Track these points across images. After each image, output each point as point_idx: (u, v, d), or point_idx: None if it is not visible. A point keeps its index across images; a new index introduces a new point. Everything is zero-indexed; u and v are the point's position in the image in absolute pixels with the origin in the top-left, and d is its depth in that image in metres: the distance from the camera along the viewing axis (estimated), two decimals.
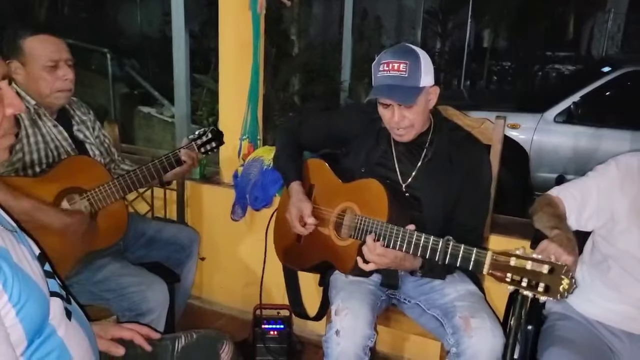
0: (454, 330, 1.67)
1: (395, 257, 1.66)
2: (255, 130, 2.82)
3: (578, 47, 10.57)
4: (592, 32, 10.60)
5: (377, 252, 1.65)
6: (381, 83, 1.74)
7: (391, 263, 1.68)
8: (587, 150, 5.10)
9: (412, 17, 9.32)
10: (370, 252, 1.66)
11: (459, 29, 9.42)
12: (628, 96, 5.19)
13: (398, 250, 1.63)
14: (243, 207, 2.72)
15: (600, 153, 5.08)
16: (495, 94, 8.48)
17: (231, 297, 2.92)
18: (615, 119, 5.17)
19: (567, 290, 1.30)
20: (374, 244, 1.65)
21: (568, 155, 5.14)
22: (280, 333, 2.39)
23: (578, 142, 5.12)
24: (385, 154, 1.90)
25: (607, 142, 5.08)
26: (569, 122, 5.14)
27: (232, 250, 2.87)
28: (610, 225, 1.70)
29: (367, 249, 1.67)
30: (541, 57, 9.34)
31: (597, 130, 5.11)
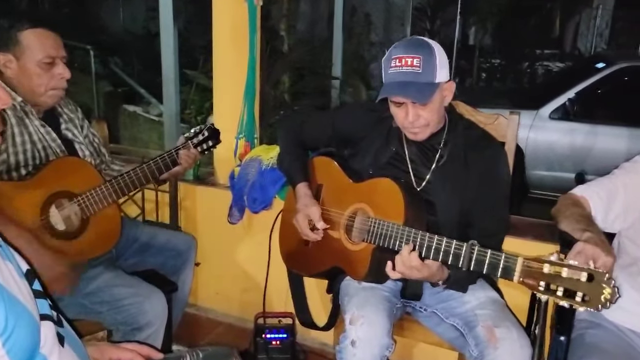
0: (477, 341, 1.56)
1: (430, 272, 1.54)
2: (252, 129, 2.69)
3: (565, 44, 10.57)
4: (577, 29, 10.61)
5: (412, 264, 1.52)
6: (393, 80, 1.62)
7: (422, 276, 1.56)
8: (583, 147, 5.06)
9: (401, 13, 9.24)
10: (404, 264, 1.53)
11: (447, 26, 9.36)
12: (623, 92, 5.15)
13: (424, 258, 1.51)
14: (241, 210, 2.59)
15: (596, 150, 5.04)
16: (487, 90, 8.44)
17: (228, 304, 2.78)
18: (611, 116, 5.13)
19: (609, 300, 1.19)
20: (409, 256, 1.52)
21: (564, 152, 5.09)
22: (284, 343, 2.26)
23: (574, 139, 5.08)
24: (396, 155, 1.79)
25: (603, 139, 5.05)
26: (565, 118, 5.09)
27: (228, 255, 2.74)
28: (638, 226, 1.60)
29: (400, 259, 1.54)
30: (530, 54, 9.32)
31: (593, 126, 5.07)
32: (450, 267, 1.53)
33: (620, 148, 5.00)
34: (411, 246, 1.52)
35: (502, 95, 6.91)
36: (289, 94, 5.22)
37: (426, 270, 1.53)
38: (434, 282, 1.65)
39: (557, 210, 1.66)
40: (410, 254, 1.51)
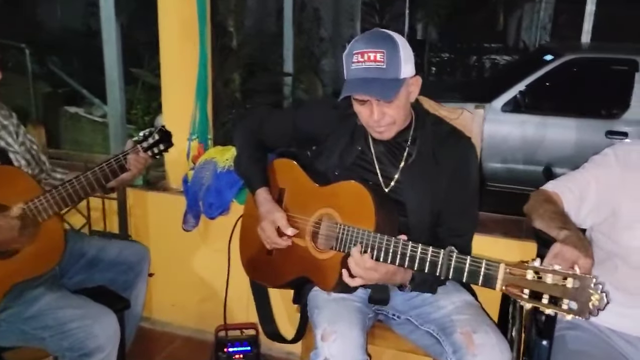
0: (454, 349, 1.48)
1: (387, 271, 1.46)
2: (205, 129, 2.54)
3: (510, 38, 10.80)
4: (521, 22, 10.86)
5: (366, 265, 1.43)
6: (356, 76, 1.52)
7: (381, 278, 1.47)
8: (534, 139, 5.12)
9: (350, 8, 9.18)
10: (358, 266, 1.44)
11: (396, 20, 9.38)
12: (571, 84, 5.25)
13: (390, 263, 1.42)
14: (196, 216, 2.44)
15: (547, 141, 5.12)
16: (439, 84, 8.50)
17: (185, 316, 2.63)
18: (560, 107, 5.23)
19: (597, 307, 1.13)
20: (361, 257, 1.44)
21: (516, 144, 5.14)
22: (247, 356, 2.14)
23: (525, 131, 5.13)
24: (362, 155, 1.69)
25: (553, 130, 5.13)
26: (516, 111, 5.14)
27: (184, 264, 2.58)
28: (611, 221, 1.57)
29: (353, 262, 1.45)
30: (478, 48, 9.47)
31: (543, 118, 5.14)
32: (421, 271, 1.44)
33: (569, 139, 5.11)
34: (360, 247, 1.44)
35: (453, 89, 6.96)
36: (240, 91, 5.04)
37: (383, 269, 1.45)
38: (398, 284, 1.56)
39: (531, 207, 1.60)
40: (363, 255, 1.43)
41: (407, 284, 1.55)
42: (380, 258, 1.43)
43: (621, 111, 5.05)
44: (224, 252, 2.28)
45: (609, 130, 5.00)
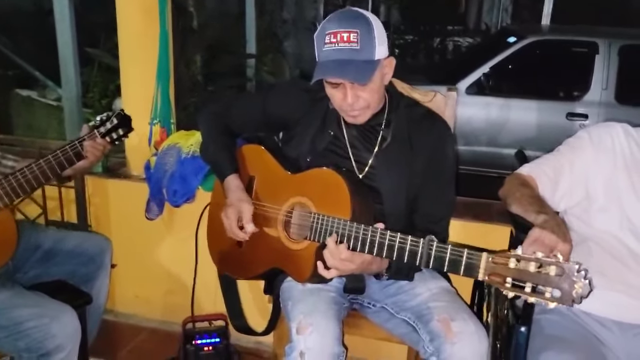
0: (432, 337, 1.45)
1: (363, 261, 1.41)
2: (167, 113, 2.43)
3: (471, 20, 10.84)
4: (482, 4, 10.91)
5: (341, 257, 1.38)
6: (328, 58, 1.45)
7: (358, 268, 1.42)
8: (498, 121, 5.16)
9: None
10: (334, 257, 1.39)
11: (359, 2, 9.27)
12: (534, 66, 5.30)
13: (368, 253, 1.37)
14: (159, 204, 2.34)
15: (510, 123, 5.17)
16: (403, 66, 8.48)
17: (150, 307, 2.53)
18: (523, 89, 5.27)
19: (581, 295, 1.11)
20: (337, 248, 1.38)
21: (480, 126, 5.17)
22: (216, 348, 2.07)
23: (489, 113, 5.16)
24: (335, 140, 1.63)
25: (516, 112, 5.18)
26: (480, 93, 5.17)
27: (148, 255, 2.48)
28: (585, 204, 1.56)
29: (329, 253, 1.39)
30: (441, 30, 9.47)
31: (507, 100, 5.18)
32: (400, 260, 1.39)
33: (531, 121, 5.17)
34: (335, 237, 1.39)
35: (418, 71, 6.95)
36: (201, 74, 4.89)
37: (359, 260, 1.40)
38: (375, 273, 1.52)
39: (507, 191, 1.57)
40: (339, 246, 1.38)
41: (384, 272, 1.51)
42: (357, 248, 1.38)
43: (582, 93, 5.14)
44: (189, 241, 2.19)
45: (569, 112, 5.08)
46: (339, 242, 1.39)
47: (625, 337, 1.46)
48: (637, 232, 1.48)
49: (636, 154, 1.53)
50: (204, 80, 4.94)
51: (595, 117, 5.03)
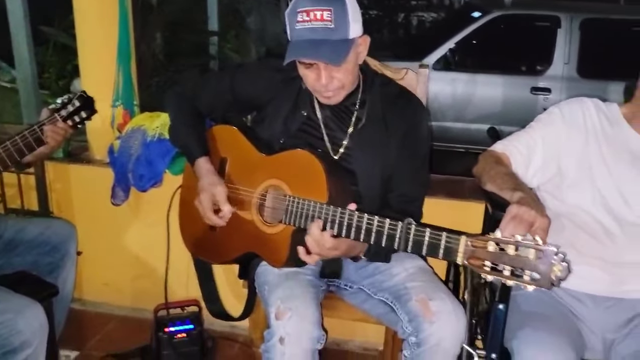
0: (410, 317, 1.44)
1: (348, 247, 1.39)
2: (130, 94, 2.35)
3: None
4: None
5: (327, 245, 1.35)
6: (301, 37, 1.41)
7: (340, 254, 1.40)
8: (464, 96, 5.19)
9: None
10: (318, 245, 1.36)
11: None
12: (498, 41, 5.33)
13: (345, 237, 1.34)
14: (125, 189, 2.27)
15: (476, 98, 5.21)
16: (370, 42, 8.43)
17: (119, 295, 2.47)
18: (488, 64, 5.31)
19: (559, 277, 1.11)
20: (321, 235, 1.34)
21: (447, 102, 5.20)
22: (190, 334, 2.02)
23: (455, 89, 5.18)
24: (308, 121, 1.58)
25: (481, 87, 5.21)
26: (447, 69, 5.18)
27: (115, 241, 2.41)
28: (557, 180, 1.56)
29: (313, 240, 1.36)
30: (405, 5, 9.43)
31: (472, 76, 5.21)
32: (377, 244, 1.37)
33: (497, 95, 5.22)
34: (320, 223, 1.35)
35: (384, 47, 6.92)
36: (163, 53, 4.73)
37: (344, 246, 1.38)
38: (353, 256, 1.50)
39: (481, 169, 1.56)
40: (323, 233, 1.34)
41: (362, 255, 1.49)
42: (342, 234, 1.35)
43: (545, 68, 5.20)
44: (158, 226, 2.12)
45: (533, 86, 5.15)
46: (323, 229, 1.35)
47: (599, 310, 1.49)
48: (609, 206, 1.50)
49: (607, 129, 1.54)
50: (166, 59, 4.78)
51: (558, 91, 5.11)
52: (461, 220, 2.06)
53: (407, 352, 1.44)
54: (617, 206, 1.49)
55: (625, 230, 1.48)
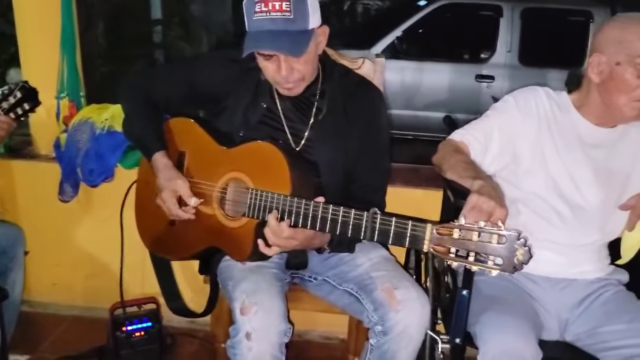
0: (375, 306, 1.46)
1: (306, 237, 1.38)
2: (76, 85, 2.25)
3: None
4: None
5: (283, 235, 1.34)
6: (260, 29, 1.38)
7: (300, 244, 1.39)
8: (412, 84, 5.27)
9: None
10: (275, 236, 1.35)
11: None
12: (444, 29, 5.43)
13: (310, 228, 1.34)
14: (74, 184, 2.18)
15: (424, 86, 5.30)
16: None
17: (70, 294, 2.38)
18: (435, 52, 5.41)
19: (522, 261, 1.14)
20: (279, 226, 1.34)
21: (396, 90, 5.26)
22: (149, 332, 1.98)
23: (404, 77, 5.26)
24: (268, 112, 1.56)
25: (429, 75, 5.31)
26: (394, 57, 5.24)
27: (64, 239, 2.32)
28: (512, 167, 1.61)
29: (270, 231, 1.35)
30: None
31: (420, 63, 5.30)
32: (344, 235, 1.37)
33: (443, 83, 5.33)
34: (276, 213, 1.35)
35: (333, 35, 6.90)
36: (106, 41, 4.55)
37: (302, 236, 1.37)
38: (316, 247, 1.50)
39: (441, 158, 1.59)
40: (280, 224, 1.34)
41: (325, 246, 1.49)
42: (299, 223, 1.34)
43: (489, 56, 5.35)
44: (110, 222, 2.06)
45: (478, 74, 5.29)
46: (280, 219, 1.35)
47: (553, 291, 1.55)
48: (561, 192, 1.55)
49: (558, 117, 1.60)
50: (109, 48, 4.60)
51: (501, 78, 5.28)
52: (419, 208, 2.09)
53: (373, 340, 1.46)
54: (569, 191, 1.55)
55: (576, 214, 1.54)
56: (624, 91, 1.45)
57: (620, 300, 1.50)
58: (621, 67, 1.44)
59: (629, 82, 1.44)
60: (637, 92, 1.44)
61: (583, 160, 1.56)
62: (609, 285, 1.55)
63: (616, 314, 1.44)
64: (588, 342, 1.46)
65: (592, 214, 1.54)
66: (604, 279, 1.57)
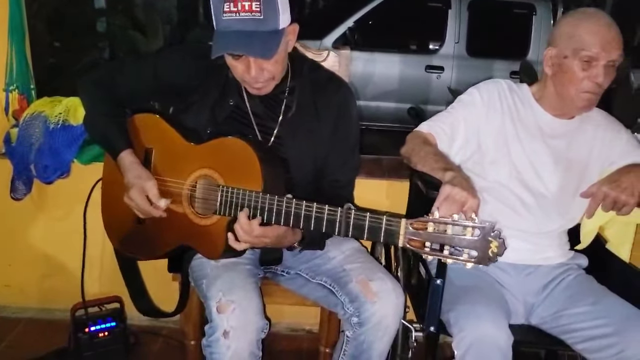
0: (351, 298, 1.47)
1: (277, 235, 1.38)
2: (26, 77, 2.15)
3: None
4: None
5: (254, 233, 1.33)
6: (229, 29, 1.35)
7: (271, 242, 1.39)
8: (364, 75, 5.29)
9: None
10: (246, 234, 1.33)
11: None
12: (395, 20, 5.47)
13: (284, 225, 1.33)
14: (27, 181, 2.08)
15: (375, 77, 5.33)
16: None
17: (23, 296, 2.27)
18: (386, 43, 5.45)
19: (497, 253, 1.17)
20: (249, 224, 1.32)
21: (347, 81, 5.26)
22: (113, 332, 1.92)
23: (356, 67, 5.26)
24: (237, 110, 1.53)
25: (380, 66, 5.35)
26: None
27: (16, 238, 2.21)
28: (477, 157, 1.65)
29: (240, 229, 1.33)
30: None
31: (371, 54, 5.32)
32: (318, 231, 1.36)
33: (394, 73, 5.39)
34: (247, 211, 1.34)
35: None
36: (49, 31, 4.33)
37: (273, 234, 1.37)
38: (287, 246, 1.49)
39: (410, 150, 1.61)
40: (251, 222, 1.33)
41: (297, 244, 1.48)
42: (272, 220, 1.33)
43: (438, 47, 5.45)
44: (67, 220, 2.00)
45: (428, 65, 5.38)
46: (252, 217, 1.33)
47: (519, 277, 1.61)
48: (524, 181, 1.61)
49: (520, 109, 1.65)
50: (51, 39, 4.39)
51: (450, 69, 5.38)
52: (383, 199, 2.13)
53: (349, 332, 1.47)
54: (531, 180, 1.61)
55: (539, 202, 1.61)
56: (573, 83, 1.53)
57: (581, 284, 1.57)
58: (569, 59, 1.52)
59: (576, 74, 1.51)
60: (584, 84, 1.52)
61: (544, 150, 1.62)
62: (570, 269, 1.63)
63: (578, 297, 1.52)
64: (553, 324, 1.53)
65: (554, 202, 1.61)
66: (566, 264, 1.64)
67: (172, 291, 1.76)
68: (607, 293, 1.52)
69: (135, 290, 1.75)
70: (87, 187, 1.77)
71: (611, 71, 1.51)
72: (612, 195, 1.53)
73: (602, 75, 1.49)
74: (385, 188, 2.12)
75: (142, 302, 1.76)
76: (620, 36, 1.50)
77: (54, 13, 4.36)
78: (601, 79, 1.49)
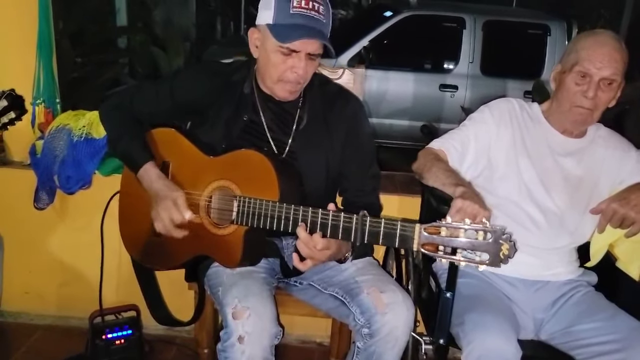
0: (362, 310, 1.50)
1: (339, 246, 1.42)
2: (53, 92, 2.22)
3: None
4: None
5: (318, 246, 1.36)
6: (299, 22, 1.43)
7: (332, 254, 1.42)
8: (378, 93, 5.35)
9: None
10: (310, 249, 1.37)
11: None
12: (410, 39, 5.55)
13: None
14: (50, 192, 2.15)
15: (389, 95, 5.39)
16: None
17: (43, 303, 2.33)
18: (400, 62, 5.51)
19: (508, 256, 1.21)
20: (309, 238, 1.36)
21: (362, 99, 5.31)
22: (129, 339, 1.96)
23: (370, 86, 5.33)
24: (251, 124, 1.59)
25: (394, 84, 5.41)
26: None
27: (38, 247, 2.27)
28: (487, 173, 1.69)
29: (305, 246, 1.37)
30: None
31: (385, 72, 5.39)
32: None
33: (408, 92, 5.44)
34: (304, 226, 1.37)
35: None
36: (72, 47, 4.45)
37: (334, 245, 1.40)
38: (340, 258, 1.51)
39: (422, 165, 1.65)
40: (314, 236, 1.36)
41: (348, 254, 1.51)
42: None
43: (452, 66, 5.50)
44: (88, 230, 2.05)
45: (442, 83, 5.43)
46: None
47: (529, 293, 1.63)
48: (534, 197, 1.64)
49: (530, 126, 1.69)
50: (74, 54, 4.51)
51: (464, 88, 5.42)
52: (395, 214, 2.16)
53: (360, 343, 1.50)
54: (541, 197, 1.64)
55: (549, 219, 1.63)
56: (568, 97, 1.58)
57: (591, 301, 1.59)
58: (566, 74, 1.57)
59: (570, 89, 1.57)
60: (576, 98, 1.56)
61: (554, 168, 1.65)
62: (579, 286, 1.64)
63: (588, 313, 1.53)
64: (562, 340, 1.54)
65: (563, 219, 1.63)
66: (575, 281, 1.66)
67: (187, 300, 1.81)
68: (616, 310, 1.54)
69: (153, 299, 1.79)
70: (107, 199, 1.84)
71: (607, 90, 1.54)
72: (621, 212, 1.56)
73: (593, 90, 1.53)
74: (397, 203, 2.15)
75: (160, 311, 1.80)
76: (620, 56, 1.53)
77: (77, 30, 4.49)
78: (591, 94, 1.53)
